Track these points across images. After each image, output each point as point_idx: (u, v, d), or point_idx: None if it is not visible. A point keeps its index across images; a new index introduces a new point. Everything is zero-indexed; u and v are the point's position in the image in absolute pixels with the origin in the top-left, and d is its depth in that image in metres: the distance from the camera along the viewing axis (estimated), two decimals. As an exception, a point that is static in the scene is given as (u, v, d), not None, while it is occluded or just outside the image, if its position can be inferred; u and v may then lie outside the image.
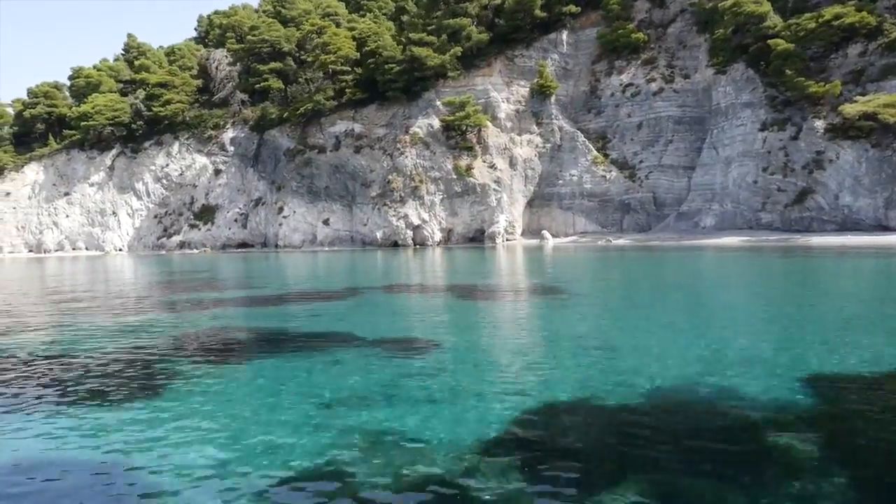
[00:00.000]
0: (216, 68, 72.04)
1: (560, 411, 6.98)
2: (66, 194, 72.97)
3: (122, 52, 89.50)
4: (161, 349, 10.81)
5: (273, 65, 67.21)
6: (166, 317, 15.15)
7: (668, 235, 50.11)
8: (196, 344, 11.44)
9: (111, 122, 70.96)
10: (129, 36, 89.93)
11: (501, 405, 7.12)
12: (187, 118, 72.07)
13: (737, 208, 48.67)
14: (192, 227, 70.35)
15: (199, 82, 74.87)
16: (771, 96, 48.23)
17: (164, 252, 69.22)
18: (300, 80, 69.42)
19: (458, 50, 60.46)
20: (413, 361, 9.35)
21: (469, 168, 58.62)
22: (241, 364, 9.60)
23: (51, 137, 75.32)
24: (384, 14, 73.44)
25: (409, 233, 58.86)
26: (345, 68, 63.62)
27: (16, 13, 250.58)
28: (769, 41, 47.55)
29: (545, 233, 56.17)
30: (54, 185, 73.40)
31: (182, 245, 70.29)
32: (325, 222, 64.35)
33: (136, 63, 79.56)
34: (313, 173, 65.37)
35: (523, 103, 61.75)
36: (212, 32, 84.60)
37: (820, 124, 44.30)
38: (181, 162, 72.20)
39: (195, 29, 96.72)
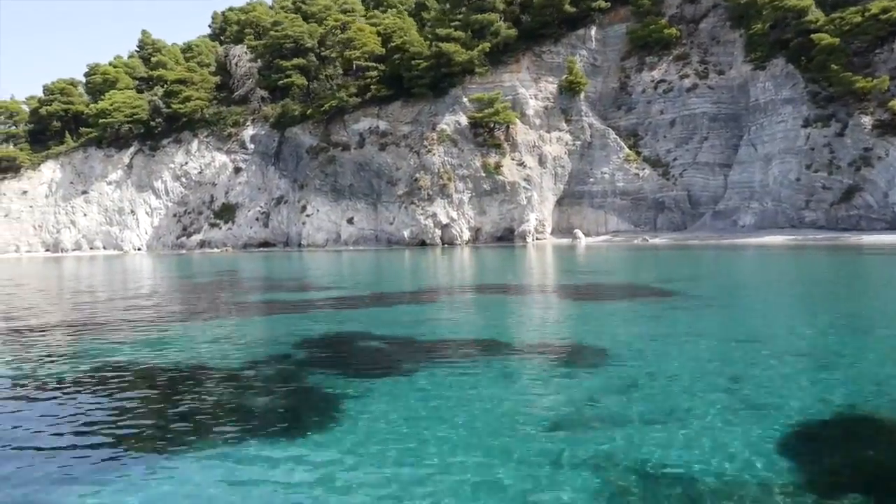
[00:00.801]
0: (236, 64, 70.89)
1: (827, 427, 5.94)
2: (84, 193, 71.88)
3: (137, 49, 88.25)
4: (292, 362, 9.74)
5: (296, 61, 66.10)
6: (268, 322, 14.10)
7: (706, 234, 49.07)
8: (327, 354, 10.39)
9: (129, 119, 69.82)
10: (144, 32, 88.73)
11: (757, 424, 6.06)
12: (206, 115, 70.95)
13: (778, 206, 47.61)
14: (213, 226, 69.28)
15: (217, 79, 73.76)
16: (813, 92, 47.18)
17: (184, 251, 68.15)
18: (321, 76, 68.36)
19: (486, 45, 59.37)
20: (595, 373, 8.29)
21: (498, 166, 57.55)
22: (393, 377, 8.47)
23: (67, 135, 74.21)
24: (405, 10, 72.18)
25: (438, 232, 57.80)
26: (370, 64, 62.44)
27: (24, 11, 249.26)
28: (812, 36, 46.46)
29: (577, 232, 55.10)
30: (71, 183, 72.32)
31: (202, 244, 69.22)
32: (350, 221, 63.28)
33: (153, 60, 78.43)
34: (337, 171, 64.30)
35: (551, 100, 60.68)
36: (228, 29, 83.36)
37: (867, 120, 43.25)
38: (200, 160, 71.11)
39: (209, 26, 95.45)
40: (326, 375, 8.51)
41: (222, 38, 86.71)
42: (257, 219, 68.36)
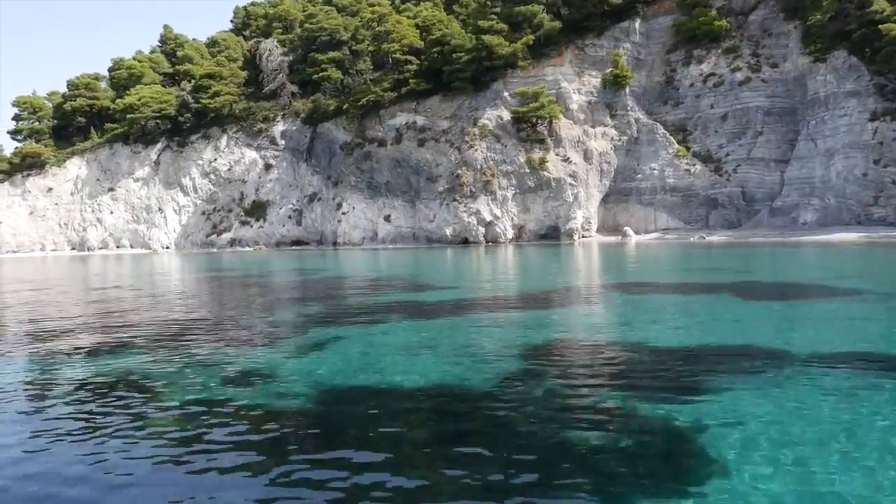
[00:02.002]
0: (266, 59, 69.23)
1: None
2: (111, 190, 70.26)
3: (159, 45, 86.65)
4: (582, 383, 8.14)
5: (332, 54, 64.44)
6: (453, 328, 12.49)
7: (765, 232, 47.46)
8: (617, 368, 8.78)
9: (157, 114, 68.21)
10: (166, 27, 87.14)
11: None
12: (236, 111, 69.33)
13: (842, 203, 46.06)
14: (244, 224, 67.68)
15: (245, 73, 72.16)
16: (879, 84, 45.67)
17: (214, 250, 66.55)
18: (353, 70, 66.73)
19: (530, 38, 57.84)
20: None
21: (542, 162, 55.96)
22: (738, 391, 6.88)
23: (92, 131, 72.57)
24: (440, 2, 70.55)
25: (481, 230, 56.22)
26: (408, 58, 60.81)
27: (40, 7, 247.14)
28: (880, 27, 44.90)
29: (627, 229, 53.50)
30: (97, 180, 70.69)
31: (233, 242, 67.61)
32: (387, 219, 61.67)
33: (179, 54, 76.82)
34: (373, 167, 62.67)
35: (595, 94, 59.12)
36: (253, 24, 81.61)
37: (941, 113, 41.67)
38: (230, 156, 69.50)
39: (231, 21, 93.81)
40: (651, 398, 6.88)
41: (245, 33, 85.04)
42: (290, 216, 66.74)
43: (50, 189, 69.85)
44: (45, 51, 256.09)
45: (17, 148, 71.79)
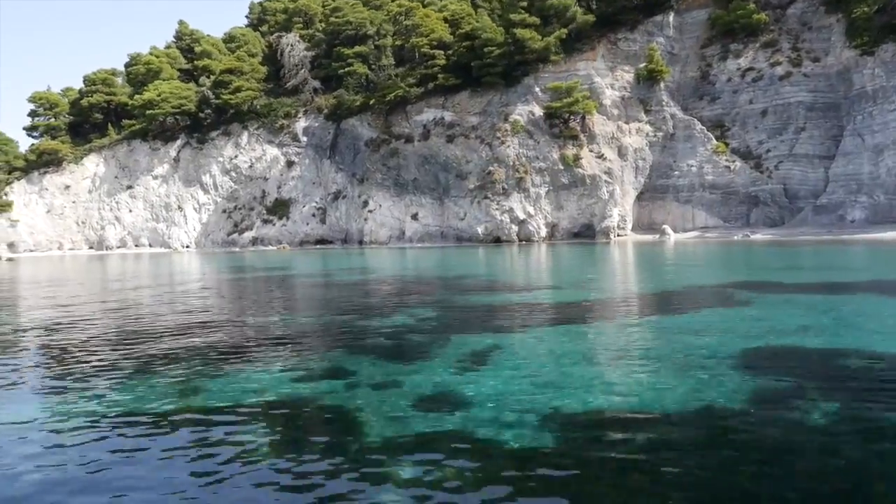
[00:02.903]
0: (289, 54, 67.83)
1: None
2: (129, 188, 68.88)
3: (174, 40, 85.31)
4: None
5: (359, 48, 63.07)
6: (634, 335, 11.13)
7: (811, 230, 46.12)
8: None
9: (177, 110, 66.80)
10: (181, 23, 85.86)
11: None
12: (257, 107, 67.96)
13: (892, 200, 44.71)
14: (266, 222, 66.32)
15: (265, 69, 70.79)
16: (932, 78, 44.28)
17: (236, 249, 65.19)
18: (377, 65, 65.39)
19: (563, 32, 56.50)
20: None
21: (577, 158, 54.64)
22: None
23: (110, 127, 71.15)
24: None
25: (514, 228, 54.89)
26: (437, 52, 59.43)
27: (44, 6, 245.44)
28: (934, 18, 43.56)
29: (666, 227, 52.14)
30: (116, 177, 69.30)
31: (255, 241, 66.26)
32: (414, 217, 60.32)
33: (197, 49, 75.43)
34: (400, 164, 61.31)
35: (628, 89, 57.82)
36: (272, 18, 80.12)
37: None
38: (251, 153, 68.14)
39: (246, 16, 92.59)
40: None
41: (261, 28, 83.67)
42: (313, 215, 65.38)
43: (67, 187, 68.46)
44: (55, 49, 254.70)
45: (33, 145, 70.41)
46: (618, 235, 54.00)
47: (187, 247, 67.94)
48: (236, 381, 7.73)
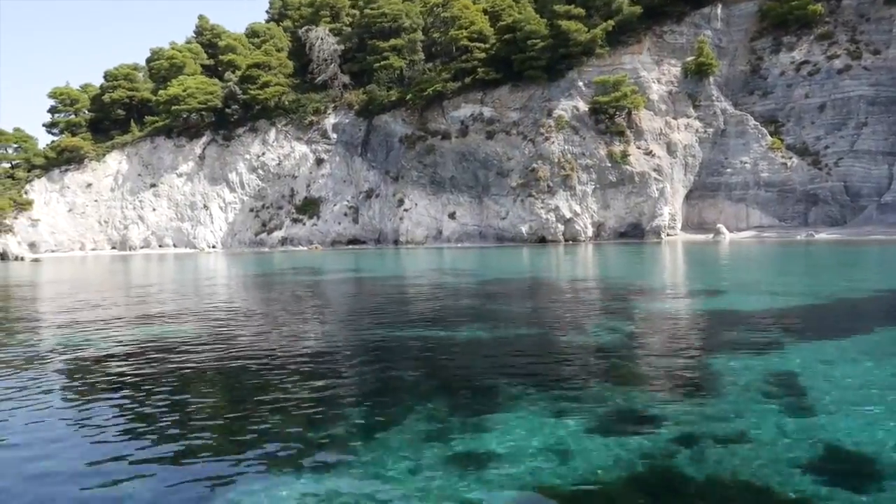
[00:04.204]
0: (318, 48, 65.65)
1: None
2: (153, 186, 66.67)
3: (194, 35, 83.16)
4: None
5: (395, 41, 60.91)
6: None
7: (878, 229, 44.00)
8: None
9: (203, 105, 64.62)
10: (201, 18, 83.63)
11: None
12: (285, 103, 65.82)
13: (966, 198, 42.69)
14: (296, 221, 64.12)
15: (292, 64, 68.62)
16: None
17: (266, 249, 63.02)
18: (408, 59, 63.20)
19: (609, 24, 54.41)
20: None
21: (625, 155, 52.56)
22: None
23: (132, 124, 68.94)
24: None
25: (560, 227, 52.78)
26: (477, 45, 57.33)
27: (63, 5, 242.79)
28: None
29: (721, 227, 49.98)
30: (139, 175, 67.09)
31: (284, 241, 64.05)
32: (451, 216, 58.20)
33: (221, 44, 73.24)
34: (436, 162, 59.19)
35: (675, 84, 55.77)
36: (295, 13, 77.82)
37: None
38: (279, 150, 65.97)
39: (267, 11, 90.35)
40: None
41: (283, 23, 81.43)
42: (345, 214, 63.20)
43: (89, 185, 66.24)
44: (69, 46, 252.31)
45: (53, 141, 68.24)
46: (667, 235, 51.92)
47: (213, 247, 65.74)
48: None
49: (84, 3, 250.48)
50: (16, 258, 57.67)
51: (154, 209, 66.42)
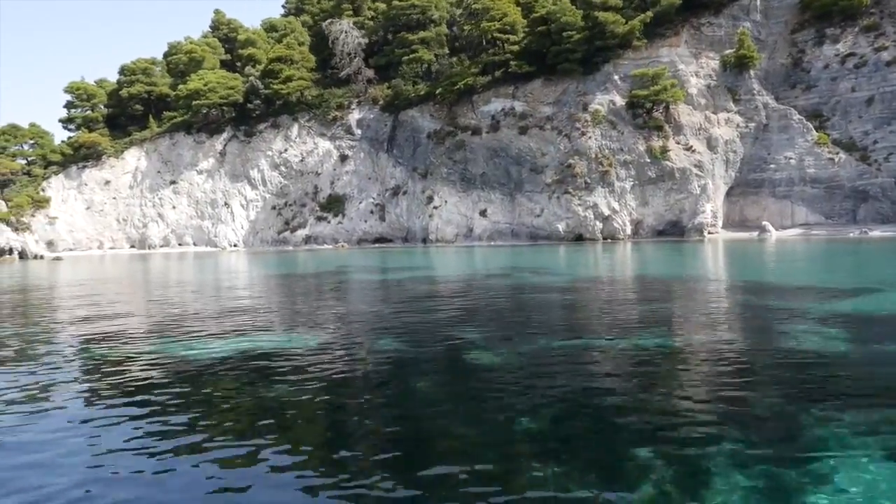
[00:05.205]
0: (342, 41, 64.01)
1: None
2: (172, 183, 65.06)
3: (210, 30, 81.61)
4: None
5: (424, 34, 59.29)
6: None
7: (935, 227, 42.44)
8: None
9: (224, 100, 63.00)
10: (217, 12, 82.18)
11: None
12: (308, 98, 64.20)
13: None
14: (320, 219, 62.47)
15: (314, 58, 67.00)
16: None
17: (289, 248, 61.42)
18: (440, 52, 61.65)
19: (648, 16, 52.79)
20: None
21: (664, 150, 50.92)
22: None
23: (150, 119, 67.34)
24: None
25: (599, 225, 51.15)
26: (510, 37, 55.69)
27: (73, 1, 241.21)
28: None
29: (767, 224, 48.37)
30: (158, 172, 65.48)
31: (308, 240, 62.43)
32: (482, 213, 56.56)
33: (240, 38, 71.65)
34: (467, 158, 57.54)
35: (714, 77, 54.10)
36: (317, 6, 75.94)
37: None
38: (301, 147, 64.36)
39: (283, 6, 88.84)
40: None
41: (300, 17, 79.84)
42: (371, 211, 61.58)
43: (107, 182, 64.63)
44: (80, 43, 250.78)
45: (70, 137, 66.63)
46: (708, 233, 50.26)
47: (235, 246, 64.14)
48: None
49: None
50: (35, 257, 56.06)
51: (174, 207, 64.82)
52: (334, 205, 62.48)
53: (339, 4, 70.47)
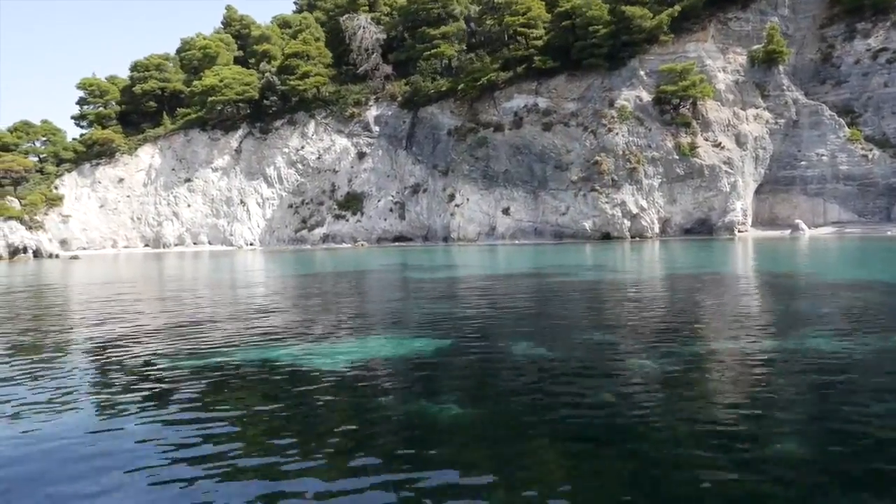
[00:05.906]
0: (360, 37, 62.97)
1: None
2: (187, 181, 64.02)
3: (222, 26, 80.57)
4: None
5: (445, 28, 58.27)
6: None
7: (975, 225, 41.52)
8: None
9: (240, 97, 61.95)
10: (229, 8, 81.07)
11: None
12: (325, 94, 63.19)
13: None
14: (338, 218, 61.45)
15: (330, 54, 66.01)
16: None
17: (307, 246, 60.42)
18: (457, 48, 60.61)
19: (675, 10, 51.84)
20: None
21: (693, 147, 49.98)
22: None
23: (164, 116, 66.30)
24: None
25: (627, 223, 50.19)
26: (535, 32, 54.70)
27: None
28: None
29: (800, 222, 47.45)
30: (173, 170, 64.43)
31: (325, 238, 61.43)
32: (505, 212, 55.56)
33: (254, 34, 70.63)
34: (489, 155, 56.53)
35: (742, 73, 53.18)
36: (325, 3, 74.92)
37: None
38: (318, 144, 63.34)
39: (294, 2, 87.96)
40: None
41: (312, 14, 78.73)
42: (391, 210, 60.57)
43: (121, 180, 63.58)
44: (89, 40, 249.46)
45: (83, 134, 65.56)
46: (738, 231, 49.33)
47: (251, 244, 63.11)
48: None
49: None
50: (50, 255, 55.02)
51: (189, 205, 63.79)
52: (352, 203, 61.48)
53: (353, 0, 69.39)
